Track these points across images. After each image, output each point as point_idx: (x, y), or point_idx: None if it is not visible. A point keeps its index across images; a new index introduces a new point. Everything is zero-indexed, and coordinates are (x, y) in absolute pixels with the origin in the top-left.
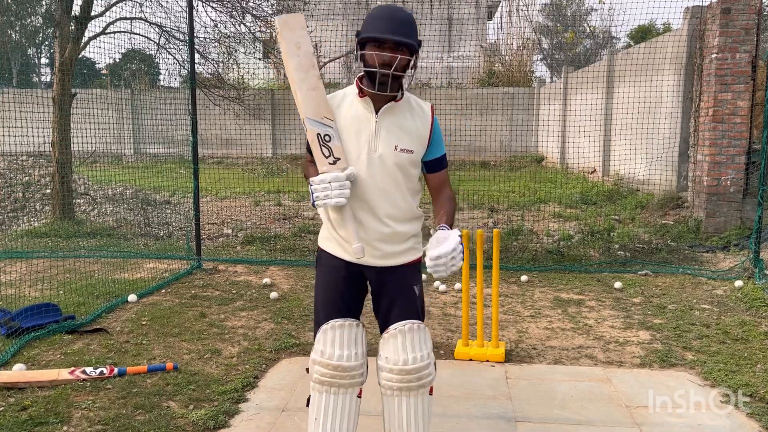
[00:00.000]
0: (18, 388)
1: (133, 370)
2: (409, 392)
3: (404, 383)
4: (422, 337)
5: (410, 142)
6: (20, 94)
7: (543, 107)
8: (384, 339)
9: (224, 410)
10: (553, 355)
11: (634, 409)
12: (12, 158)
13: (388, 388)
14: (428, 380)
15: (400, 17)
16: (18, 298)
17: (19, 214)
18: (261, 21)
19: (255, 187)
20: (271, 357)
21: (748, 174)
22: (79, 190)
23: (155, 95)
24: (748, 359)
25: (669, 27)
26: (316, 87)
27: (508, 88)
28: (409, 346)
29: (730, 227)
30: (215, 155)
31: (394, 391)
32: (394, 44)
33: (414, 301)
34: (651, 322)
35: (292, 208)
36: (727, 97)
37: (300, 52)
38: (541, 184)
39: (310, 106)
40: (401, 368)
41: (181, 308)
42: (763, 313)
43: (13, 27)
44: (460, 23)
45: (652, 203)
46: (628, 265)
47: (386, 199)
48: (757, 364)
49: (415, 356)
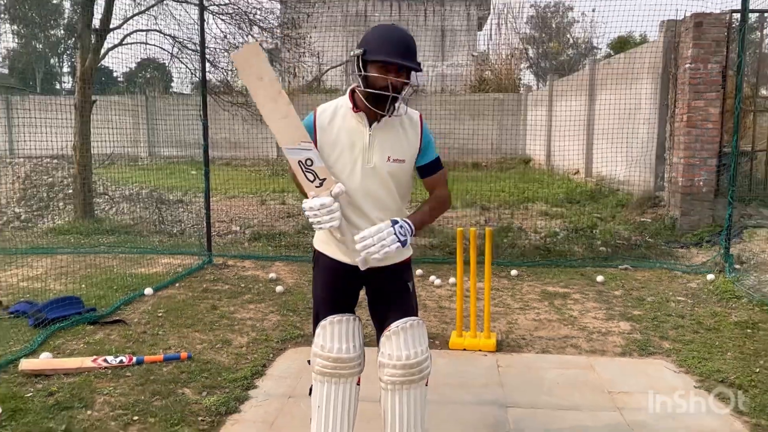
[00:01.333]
0: (45, 375)
1: (150, 359)
2: (410, 385)
3: (407, 377)
4: (421, 333)
5: (402, 152)
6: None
7: (530, 112)
8: (386, 336)
9: (235, 397)
10: (540, 345)
11: (615, 394)
12: (36, 161)
13: (390, 383)
14: (427, 372)
15: (407, 41)
16: (44, 291)
17: (43, 213)
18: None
19: (261, 186)
20: (278, 347)
21: (719, 175)
22: (98, 190)
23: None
24: (719, 347)
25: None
26: (287, 114)
27: (497, 94)
28: (411, 342)
29: (702, 225)
30: (224, 157)
31: (396, 386)
32: (399, 67)
33: (409, 299)
34: (631, 314)
35: (296, 207)
36: (700, 105)
37: (264, 83)
38: (529, 184)
39: (285, 135)
40: (404, 363)
41: (194, 301)
42: (733, 305)
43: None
44: (452, 34)
45: (631, 202)
46: (609, 260)
47: (379, 205)
48: (727, 352)
49: (416, 351)
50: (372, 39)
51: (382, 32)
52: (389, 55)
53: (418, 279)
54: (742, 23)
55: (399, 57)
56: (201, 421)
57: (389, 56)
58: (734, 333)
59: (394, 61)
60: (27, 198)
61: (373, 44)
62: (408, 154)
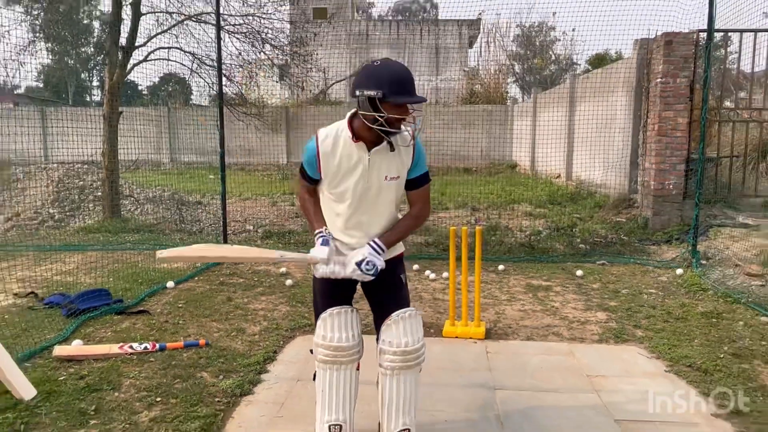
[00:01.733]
0: (76, 360)
1: (171, 346)
2: (407, 370)
3: (405, 363)
4: (417, 323)
5: (397, 170)
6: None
7: (516, 122)
8: (386, 325)
9: (249, 380)
10: (525, 333)
11: (593, 378)
12: (68, 166)
13: (389, 368)
14: (422, 359)
15: (412, 77)
16: (75, 284)
17: (75, 213)
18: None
19: (272, 189)
20: (288, 335)
21: (687, 179)
22: (124, 192)
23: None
24: (687, 335)
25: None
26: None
27: (486, 105)
28: (409, 330)
29: (672, 224)
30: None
31: (394, 371)
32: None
33: (402, 290)
34: (607, 305)
35: None
36: (670, 115)
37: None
38: (515, 187)
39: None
40: (403, 350)
41: (211, 293)
42: (700, 297)
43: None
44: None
45: (607, 204)
46: (587, 256)
47: (377, 217)
48: (694, 340)
49: (414, 339)
50: (385, 81)
51: (393, 74)
52: (403, 94)
53: (414, 273)
54: (708, 41)
55: (414, 95)
56: (218, 402)
57: (404, 96)
58: (701, 322)
59: (417, 100)
60: (60, 200)
61: (388, 87)
62: (402, 170)
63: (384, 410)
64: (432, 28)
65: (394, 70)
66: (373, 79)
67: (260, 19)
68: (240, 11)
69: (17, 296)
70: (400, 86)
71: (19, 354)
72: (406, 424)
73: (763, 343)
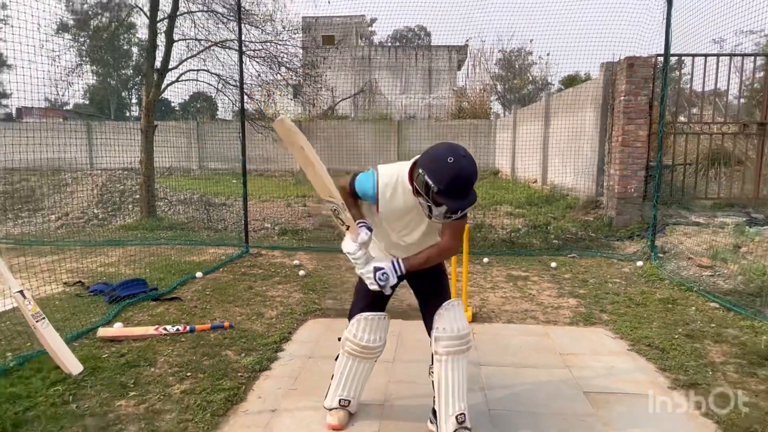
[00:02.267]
0: (117, 340)
1: (200, 328)
2: (461, 354)
3: (460, 347)
4: (462, 310)
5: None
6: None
7: (498, 134)
8: (438, 314)
9: (267, 357)
10: (506, 317)
11: (565, 355)
12: (110, 172)
13: (446, 353)
14: (471, 343)
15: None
16: (116, 274)
17: (116, 213)
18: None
19: (287, 192)
20: (301, 318)
21: (647, 184)
22: (159, 195)
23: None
24: (646, 318)
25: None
26: (320, 173)
27: (473, 120)
28: (459, 317)
29: (633, 223)
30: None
31: (450, 356)
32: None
33: (443, 279)
34: (577, 292)
35: (314, 208)
36: (632, 128)
37: (305, 151)
38: (497, 190)
39: (318, 188)
40: (458, 335)
41: (234, 282)
42: (657, 285)
43: (111, 76)
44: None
45: (577, 205)
46: (560, 250)
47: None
48: (653, 322)
49: (463, 324)
50: (446, 181)
51: (455, 178)
52: (460, 202)
53: None
54: (665, 64)
55: (463, 203)
56: (240, 377)
57: (457, 203)
58: (658, 307)
59: (463, 206)
60: (103, 201)
61: (445, 186)
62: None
63: (441, 397)
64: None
65: (460, 173)
66: (438, 172)
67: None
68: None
69: (66, 285)
70: (457, 190)
71: (68, 335)
72: (462, 408)
73: (712, 326)
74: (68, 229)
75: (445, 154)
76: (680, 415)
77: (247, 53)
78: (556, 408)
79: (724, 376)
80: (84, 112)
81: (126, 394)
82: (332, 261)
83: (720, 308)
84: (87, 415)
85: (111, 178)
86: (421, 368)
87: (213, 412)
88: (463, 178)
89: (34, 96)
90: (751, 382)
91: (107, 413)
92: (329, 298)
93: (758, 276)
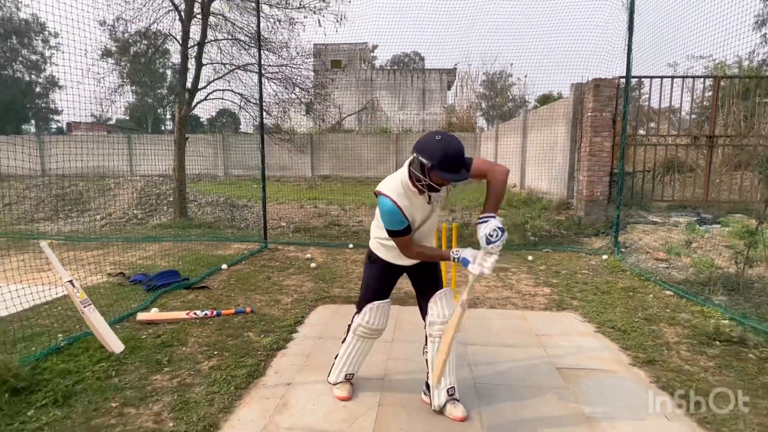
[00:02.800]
0: (154, 323)
1: (225, 312)
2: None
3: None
4: (452, 297)
5: (443, 198)
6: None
7: (483, 145)
8: (432, 302)
9: (283, 338)
10: (490, 303)
11: (540, 336)
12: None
13: (438, 336)
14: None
15: (461, 156)
16: (153, 266)
17: (153, 213)
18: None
19: (300, 196)
20: (312, 304)
21: (611, 188)
22: (190, 198)
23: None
24: (610, 304)
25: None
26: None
27: (460, 132)
28: (450, 305)
29: (599, 222)
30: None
31: (441, 338)
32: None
33: (436, 270)
34: (551, 282)
35: (324, 210)
36: (598, 140)
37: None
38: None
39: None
40: (445, 320)
41: (255, 273)
42: (620, 276)
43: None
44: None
45: (551, 206)
46: (536, 246)
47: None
48: (616, 308)
49: (452, 311)
50: (438, 155)
51: (445, 151)
52: (453, 174)
53: None
54: (627, 85)
55: (458, 174)
56: (260, 354)
57: (452, 175)
58: (621, 295)
59: (457, 179)
60: (142, 203)
61: (438, 161)
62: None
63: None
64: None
65: (448, 148)
66: (430, 150)
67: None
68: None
69: (110, 275)
70: (449, 163)
71: (111, 318)
72: (452, 383)
73: (667, 311)
74: (111, 227)
75: (433, 135)
76: (639, 388)
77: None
78: (532, 382)
79: (677, 354)
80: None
81: (161, 370)
82: (339, 255)
83: (674, 296)
84: (127, 388)
85: (148, 183)
86: (416, 348)
87: (236, 385)
88: (452, 150)
89: (82, 112)
90: (700, 359)
91: (145, 386)
92: (336, 287)
93: (707, 268)
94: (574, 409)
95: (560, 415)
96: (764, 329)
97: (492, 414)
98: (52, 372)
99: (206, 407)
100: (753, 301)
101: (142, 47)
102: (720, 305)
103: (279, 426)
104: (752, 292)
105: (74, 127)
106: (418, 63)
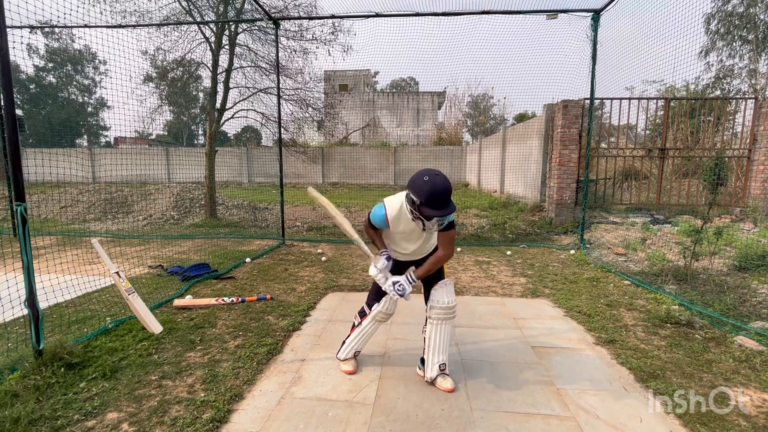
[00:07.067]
0: (188, 308)
1: (249, 299)
2: (447, 321)
3: (447, 315)
4: (452, 288)
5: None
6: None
7: (468, 157)
8: (434, 289)
9: (298, 321)
10: (474, 291)
11: (518, 320)
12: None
13: (437, 319)
14: (455, 313)
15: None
16: (187, 260)
17: (187, 215)
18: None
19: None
20: (323, 292)
21: (577, 193)
22: (219, 201)
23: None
24: (577, 293)
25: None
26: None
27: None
28: (449, 293)
29: (567, 222)
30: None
31: (440, 321)
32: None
33: (441, 269)
34: (526, 273)
35: None
36: (566, 152)
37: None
38: (467, 198)
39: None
40: (447, 306)
41: (274, 266)
42: (585, 268)
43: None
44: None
45: (526, 209)
46: (514, 242)
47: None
48: (582, 295)
49: (452, 298)
50: (425, 195)
51: (432, 191)
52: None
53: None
54: (591, 105)
55: (443, 212)
56: (278, 335)
57: (437, 212)
58: (586, 284)
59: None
60: (178, 206)
61: (425, 199)
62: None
63: (429, 350)
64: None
65: (433, 189)
66: (418, 189)
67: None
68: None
69: (150, 267)
70: (435, 202)
71: (151, 304)
72: (443, 359)
73: (625, 298)
74: (151, 227)
75: (421, 175)
76: (602, 363)
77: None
78: (510, 358)
79: (634, 335)
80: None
81: (194, 348)
82: (346, 250)
83: (631, 284)
84: (165, 363)
85: (183, 189)
86: (412, 329)
87: (258, 361)
88: (437, 190)
89: (127, 128)
90: (654, 339)
91: (180, 362)
92: (343, 278)
93: (659, 261)
94: (547, 382)
95: (534, 386)
96: (708, 313)
97: (476, 385)
98: (101, 350)
99: (232, 380)
100: (699, 290)
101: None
102: (670, 293)
103: (294, 396)
104: (698, 282)
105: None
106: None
